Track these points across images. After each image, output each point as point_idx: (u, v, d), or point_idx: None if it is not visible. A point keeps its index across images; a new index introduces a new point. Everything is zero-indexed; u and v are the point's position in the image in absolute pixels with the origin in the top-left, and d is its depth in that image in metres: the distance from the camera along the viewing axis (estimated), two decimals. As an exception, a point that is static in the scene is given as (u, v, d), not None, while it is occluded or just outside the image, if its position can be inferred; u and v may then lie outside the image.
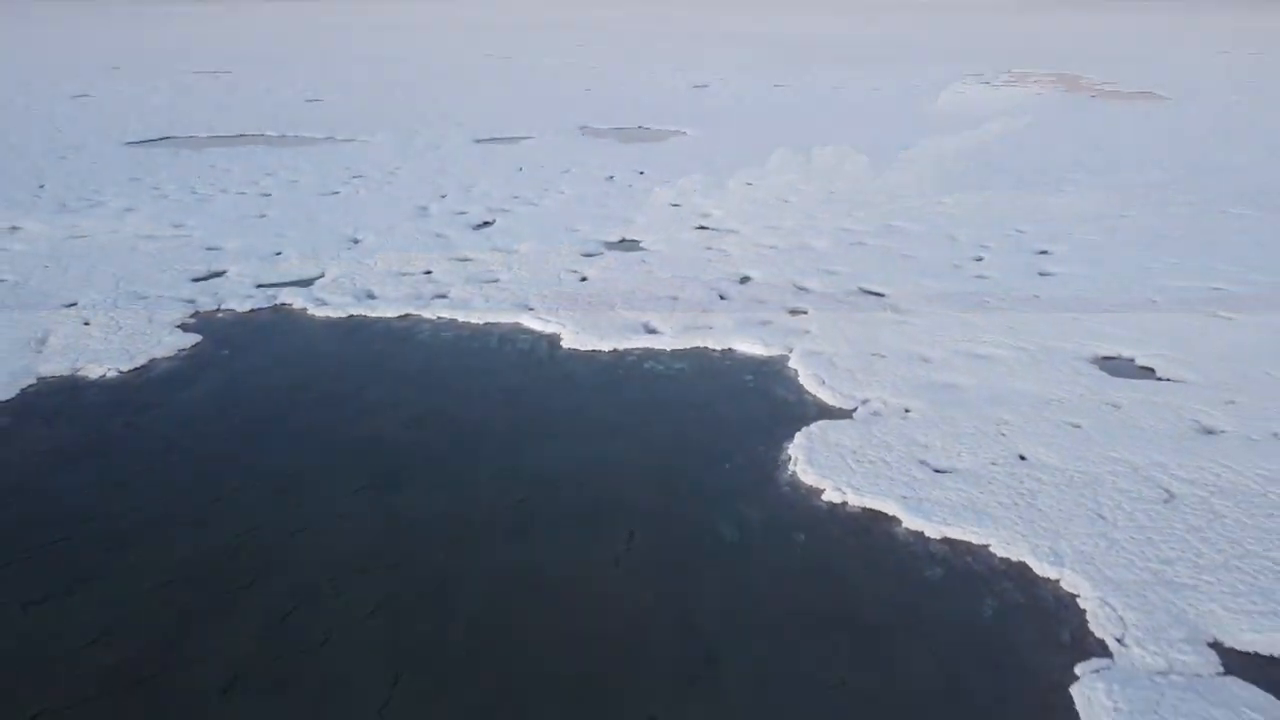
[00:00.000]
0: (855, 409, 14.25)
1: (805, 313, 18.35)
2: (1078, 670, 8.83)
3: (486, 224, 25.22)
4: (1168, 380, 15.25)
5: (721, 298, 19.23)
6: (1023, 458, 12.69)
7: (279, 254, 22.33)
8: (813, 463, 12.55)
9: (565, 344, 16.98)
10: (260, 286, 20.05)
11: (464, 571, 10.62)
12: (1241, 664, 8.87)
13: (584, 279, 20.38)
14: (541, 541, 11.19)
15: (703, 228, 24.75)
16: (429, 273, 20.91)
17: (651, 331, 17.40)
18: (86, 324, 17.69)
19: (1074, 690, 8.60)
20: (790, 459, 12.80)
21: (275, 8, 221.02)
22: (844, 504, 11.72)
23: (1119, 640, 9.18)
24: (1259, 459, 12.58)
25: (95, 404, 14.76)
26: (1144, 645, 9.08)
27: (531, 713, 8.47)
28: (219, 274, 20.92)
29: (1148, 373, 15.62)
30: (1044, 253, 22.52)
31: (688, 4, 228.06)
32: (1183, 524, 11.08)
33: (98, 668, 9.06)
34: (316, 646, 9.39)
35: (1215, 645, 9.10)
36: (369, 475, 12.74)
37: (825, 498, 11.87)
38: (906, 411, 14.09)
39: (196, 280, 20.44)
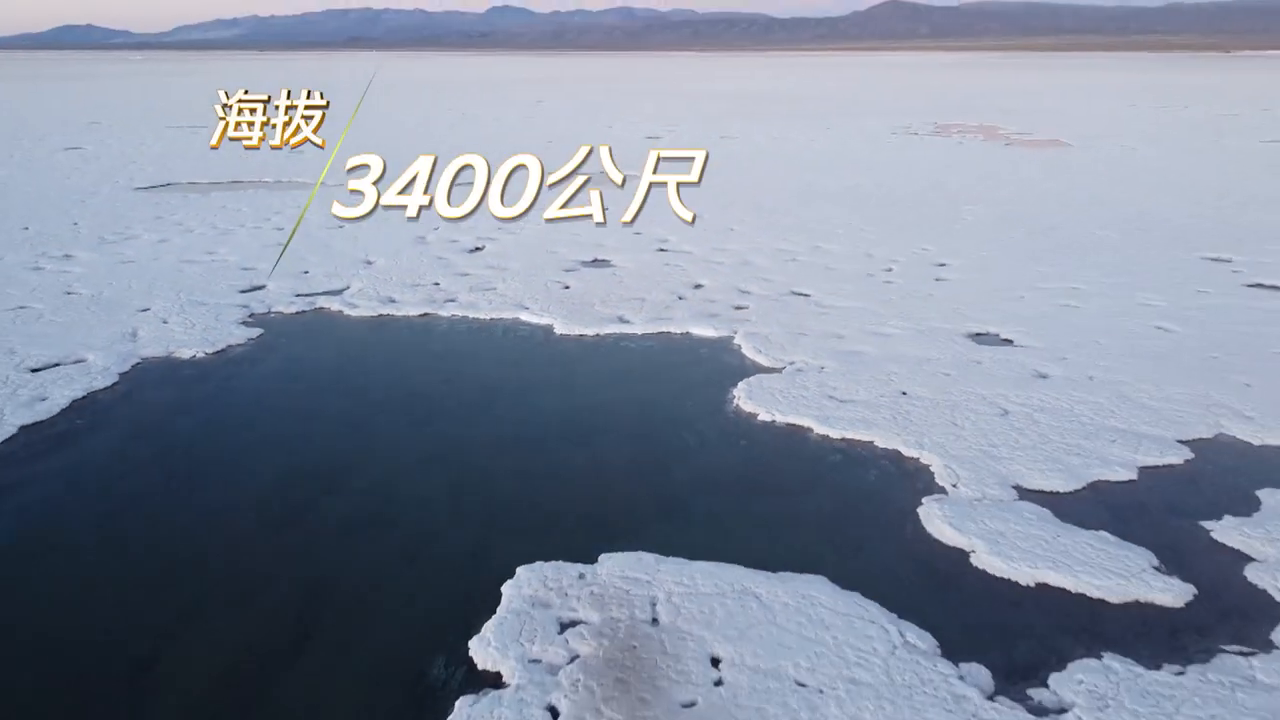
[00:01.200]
0: (783, 368, 18.78)
1: (747, 308, 22.93)
2: (924, 501, 13.32)
3: (478, 249, 29.62)
4: (1021, 346, 20.02)
5: (679, 299, 23.76)
6: (904, 393, 17.27)
7: (306, 273, 26.49)
8: (750, 398, 17.04)
9: (557, 331, 21.35)
10: (299, 296, 24.18)
11: (500, 467, 14.85)
12: (1029, 495, 13.42)
13: (567, 287, 24.81)
14: (555, 449, 15.50)
15: (662, 250, 29.38)
16: (437, 284, 25.22)
17: (624, 322, 21.83)
18: (165, 322, 21.71)
19: (919, 510, 13.09)
20: (734, 397, 17.27)
21: (236, 66, 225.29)
22: (773, 421, 16.21)
23: (953, 485, 13.70)
24: (1073, 391, 17.31)
25: (191, 375, 18.82)
26: (969, 487, 13.61)
27: (558, 535, 12.65)
28: (260, 287, 25.00)
29: (1007, 342, 20.38)
30: (942, 265, 27.45)
31: (639, 64, 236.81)
32: (1010, 427, 15.71)
33: (252, 515, 13.18)
34: (401, 510, 13.57)
35: (1016, 487, 13.65)
36: (416, 415, 16.97)
37: (760, 418, 16.35)
38: (821, 368, 18.64)
39: (243, 292, 24.52)
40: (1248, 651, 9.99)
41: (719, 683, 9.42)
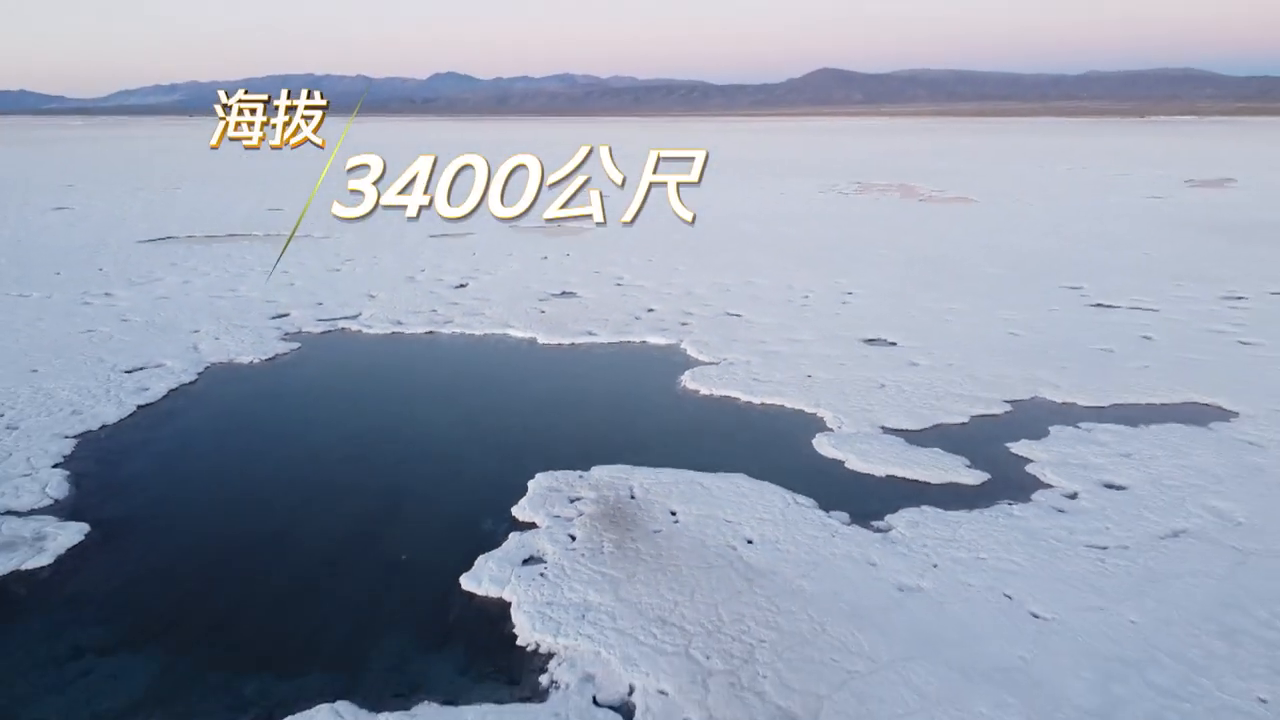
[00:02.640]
0: (719, 362, 24.36)
1: (690, 324, 28.58)
2: (818, 435, 18.88)
3: (463, 285, 34.96)
4: (901, 346, 25.88)
5: (636, 318, 29.32)
6: (809, 376, 22.94)
7: (320, 304, 31.57)
8: (693, 380, 22.57)
9: (539, 341, 26.75)
10: (320, 320, 29.25)
11: (510, 424, 20.11)
12: (890, 431, 19.05)
13: (543, 312, 30.25)
14: (550, 413, 20.81)
15: (619, 284, 35.01)
16: (434, 310, 30.49)
17: (593, 334, 27.29)
18: (217, 339, 26.64)
19: (813, 441, 18.64)
20: (681, 380, 22.79)
21: (186, 131, 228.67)
22: (711, 394, 21.74)
23: (839, 427, 19.29)
24: (934, 373, 23.13)
25: (255, 373, 23.80)
26: (849, 428, 19.21)
27: (560, 459, 17.80)
28: (285, 315, 30.01)
29: (892, 345, 26.23)
30: (850, 293, 33.46)
31: (582, 129, 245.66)
32: (885, 395, 21.40)
33: (331, 454, 18.26)
34: (441, 450, 18.73)
35: (881, 427, 19.28)
36: (439, 395, 22.18)
37: (701, 392, 21.86)
38: (748, 362, 24.26)
39: (273, 318, 29.52)
40: (1013, 502, 15.62)
41: (676, 521, 14.77)
